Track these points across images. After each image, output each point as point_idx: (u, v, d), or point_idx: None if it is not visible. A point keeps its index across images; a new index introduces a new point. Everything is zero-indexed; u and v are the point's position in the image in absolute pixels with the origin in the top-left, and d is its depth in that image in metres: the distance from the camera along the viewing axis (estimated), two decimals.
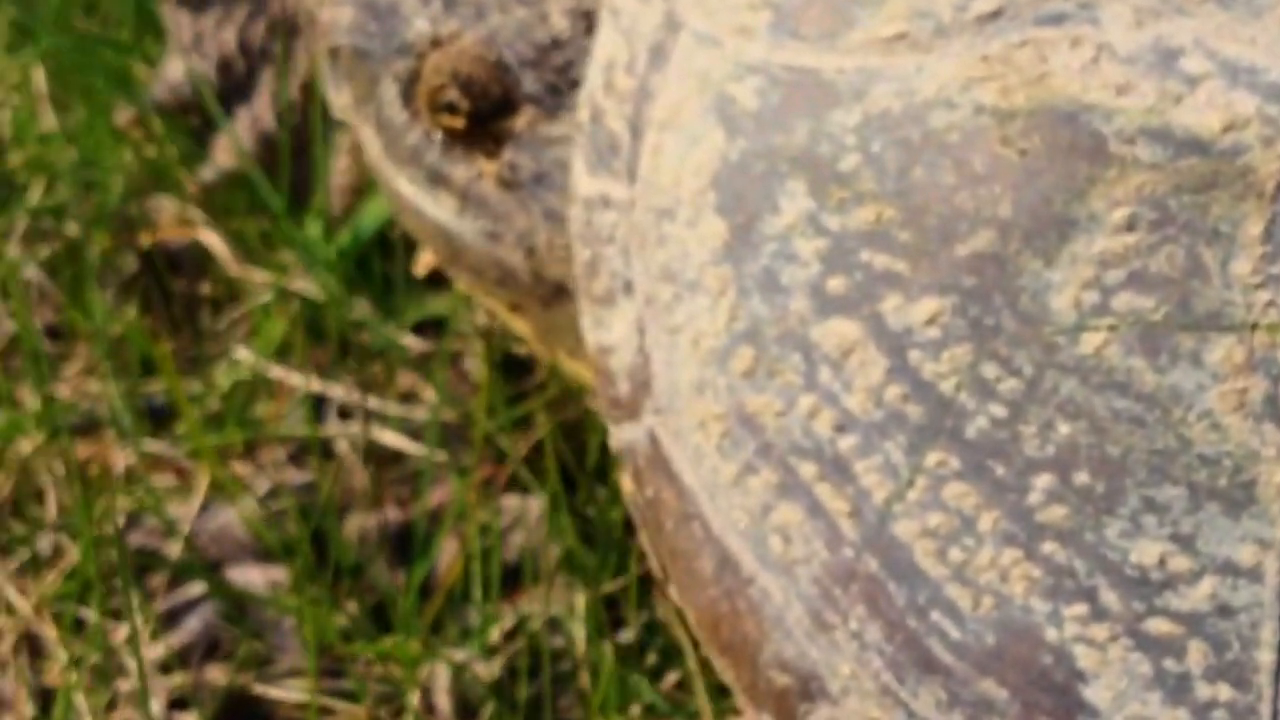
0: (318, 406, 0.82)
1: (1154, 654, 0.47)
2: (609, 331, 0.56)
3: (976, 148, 0.49)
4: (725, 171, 0.54)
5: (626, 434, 0.56)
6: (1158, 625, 0.47)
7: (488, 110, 0.67)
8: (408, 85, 0.69)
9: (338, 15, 0.71)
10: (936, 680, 0.49)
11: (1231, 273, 0.47)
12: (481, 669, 0.70)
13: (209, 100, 0.87)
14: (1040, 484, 0.48)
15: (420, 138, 0.68)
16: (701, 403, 0.53)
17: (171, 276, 0.88)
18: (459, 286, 0.73)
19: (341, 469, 0.78)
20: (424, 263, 0.79)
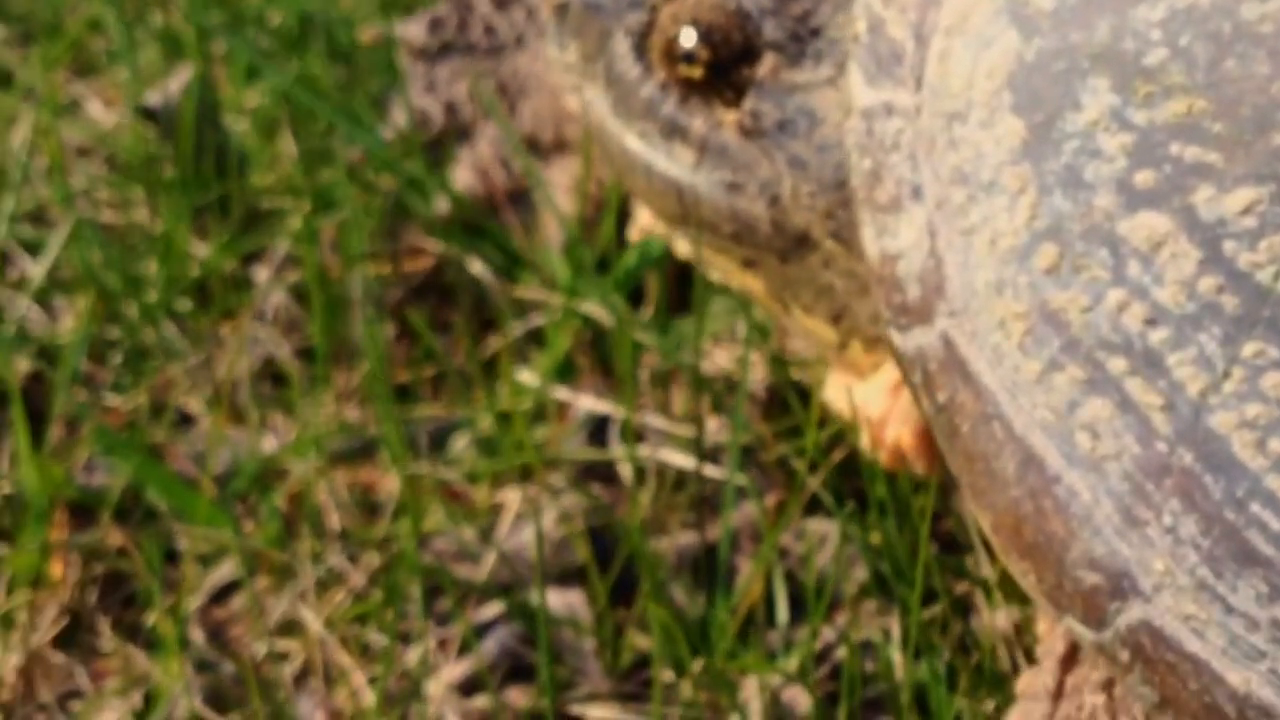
0: (600, 429, 0.82)
1: None
2: (895, 238, 0.56)
3: None
4: (1021, 71, 0.53)
5: (917, 339, 0.56)
6: None
7: (728, 58, 0.67)
8: (641, 37, 0.69)
9: None
10: (1256, 573, 0.49)
11: None
12: (798, 693, 0.69)
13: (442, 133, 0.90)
14: None
15: (655, 90, 0.68)
16: (1001, 302, 0.53)
17: (428, 303, 0.89)
18: (678, 251, 0.73)
19: (636, 491, 0.76)
20: (639, 227, 0.78)
